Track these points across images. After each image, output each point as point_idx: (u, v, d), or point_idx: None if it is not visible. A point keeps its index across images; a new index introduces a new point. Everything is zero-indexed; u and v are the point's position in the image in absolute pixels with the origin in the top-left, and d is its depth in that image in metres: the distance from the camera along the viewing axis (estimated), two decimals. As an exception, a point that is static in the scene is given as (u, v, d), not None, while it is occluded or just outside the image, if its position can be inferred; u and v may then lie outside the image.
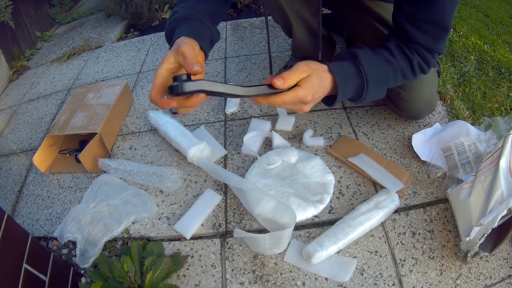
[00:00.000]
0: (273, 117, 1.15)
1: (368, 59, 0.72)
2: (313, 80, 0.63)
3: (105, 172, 1.03)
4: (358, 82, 0.71)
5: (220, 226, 0.87)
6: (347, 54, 0.73)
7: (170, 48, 0.65)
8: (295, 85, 0.63)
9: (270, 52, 1.02)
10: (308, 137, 1.05)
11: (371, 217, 0.80)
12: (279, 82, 0.60)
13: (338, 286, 0.75)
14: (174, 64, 0.60)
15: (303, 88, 0.62)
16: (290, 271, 0.78)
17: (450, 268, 0.77)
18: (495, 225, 0.67)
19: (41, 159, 1.05)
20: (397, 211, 0.87)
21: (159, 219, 0.91)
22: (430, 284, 0.74)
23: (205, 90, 0.54)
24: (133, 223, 0.90)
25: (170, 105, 0.57)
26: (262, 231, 0.85)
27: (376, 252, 0.80)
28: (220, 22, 0.86)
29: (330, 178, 0.94)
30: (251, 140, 1.05)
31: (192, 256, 0.82)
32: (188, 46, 0.60)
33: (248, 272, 0.79)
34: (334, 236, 0.78)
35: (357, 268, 0.77)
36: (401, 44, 0.75)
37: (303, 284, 0.76)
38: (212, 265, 0.80)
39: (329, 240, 0.77)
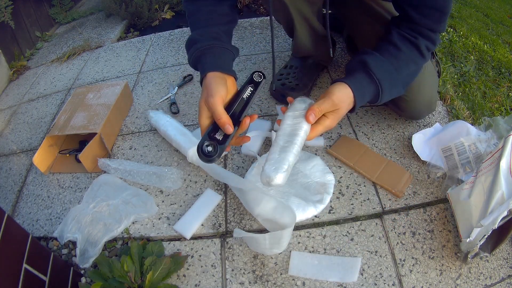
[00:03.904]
0: (273, 117, 1.15)
1: (377, 63, 0.78)
2: (340, 113, 0.73)
3: (105, 172, 1.03)
4: (373, 89, 0.77)
5: (220, 226, 0.87)
6: (358, 63, 0.80)
7: (201, 81, 0.73)
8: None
9: (273, 52, 1.02)
10: (308, 137, 1.04)
11: (302, 123, 0.71)
12: (311, 118, 0.70)
13: (338, 286, 0.75)
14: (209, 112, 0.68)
15: (330, 120, 0.72)
16: (290, 271, 0.78)
17: (450, 268, 0.77)
18: (496, 226, 0.67)
19: (41, 159, 1.05)
20: (397, 211, 0.87)
21: (159, 219, 0.91)
22: (430, 284, 0.74)
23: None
24: (133, 223, 0.90)
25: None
26: (262, 231, 0.85)
27: (376, 252, 0.80)
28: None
29: (330, 178, 0.93)
30: (251, 140, 1.05)
31: (192, 256, 0.82)
32: (216, 100, 0.65)
33: (248, 272, 0.79)
34: (282, 150, 0.68)
35: (357, 268, 0.77)
36: (403, 33, 0.80)
37: (303, 284, 0.76)
38: (212, 265, 0.80)
39: (279, 155, 0.68)
